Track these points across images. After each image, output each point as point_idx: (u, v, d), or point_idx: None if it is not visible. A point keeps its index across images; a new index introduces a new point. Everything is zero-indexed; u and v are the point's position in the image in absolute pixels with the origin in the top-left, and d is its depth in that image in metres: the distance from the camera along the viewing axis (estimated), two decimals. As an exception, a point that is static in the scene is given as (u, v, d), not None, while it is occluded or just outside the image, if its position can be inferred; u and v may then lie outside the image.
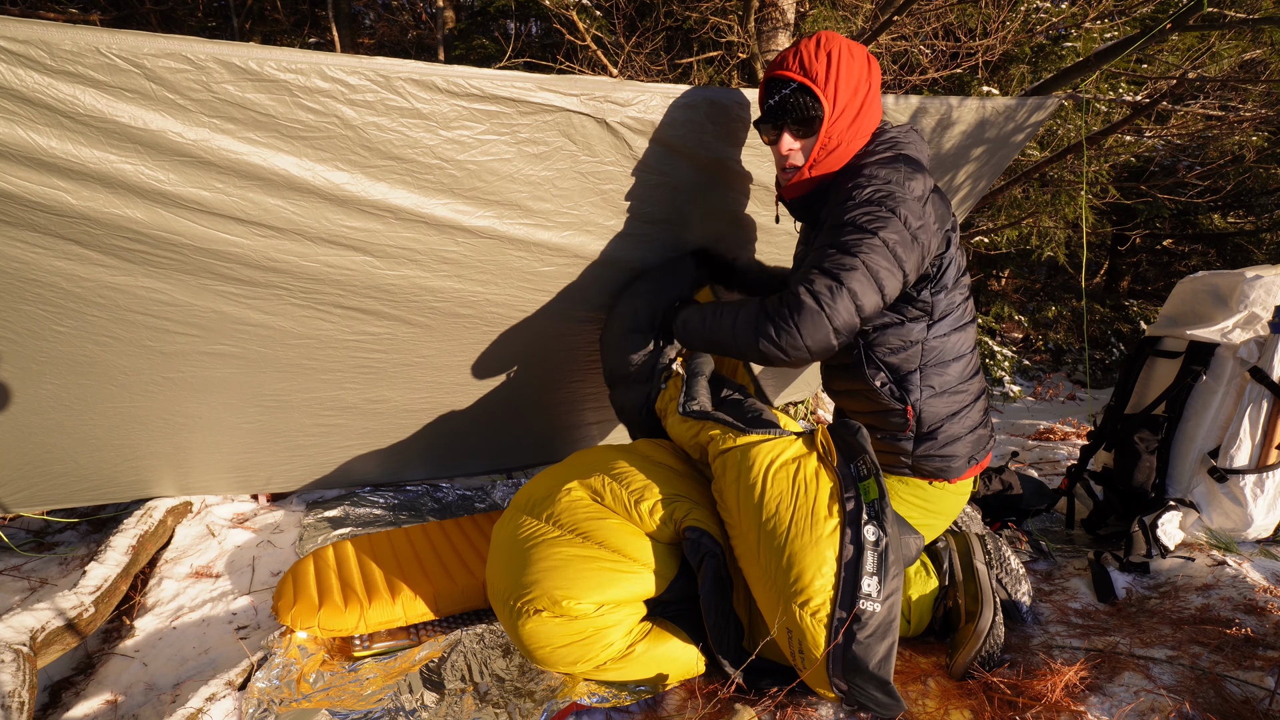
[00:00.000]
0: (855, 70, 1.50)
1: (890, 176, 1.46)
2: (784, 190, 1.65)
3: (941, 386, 1.59)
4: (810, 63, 1.49)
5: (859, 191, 1.46)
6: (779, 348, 1.45)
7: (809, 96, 1.50)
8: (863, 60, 1.52)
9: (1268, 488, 1.94)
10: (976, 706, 1.42)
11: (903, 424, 1.59)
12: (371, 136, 1.39)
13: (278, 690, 1.47)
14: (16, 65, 1.08)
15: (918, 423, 1.59)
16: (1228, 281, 2.11)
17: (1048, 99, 2.42)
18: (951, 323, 1.58)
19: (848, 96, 1.50)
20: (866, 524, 1.32)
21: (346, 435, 2.30)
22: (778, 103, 1.53)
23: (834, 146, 1.54)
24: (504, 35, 6.42)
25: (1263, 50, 4.24)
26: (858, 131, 1.54)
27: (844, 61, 1.48)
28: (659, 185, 1.79)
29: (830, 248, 1.44)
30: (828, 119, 1.50)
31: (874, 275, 1.42)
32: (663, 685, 1.50)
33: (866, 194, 1.45)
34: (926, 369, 1.58)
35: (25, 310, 1.50)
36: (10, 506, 2.05)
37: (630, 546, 1.48)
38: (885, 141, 1.56)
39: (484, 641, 1.66)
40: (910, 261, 1.45)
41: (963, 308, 1.60)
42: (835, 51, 1.48)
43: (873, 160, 1.53)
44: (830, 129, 1.52)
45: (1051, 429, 3.87)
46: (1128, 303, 8.02)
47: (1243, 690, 1.40)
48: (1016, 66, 4.71)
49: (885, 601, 1.27)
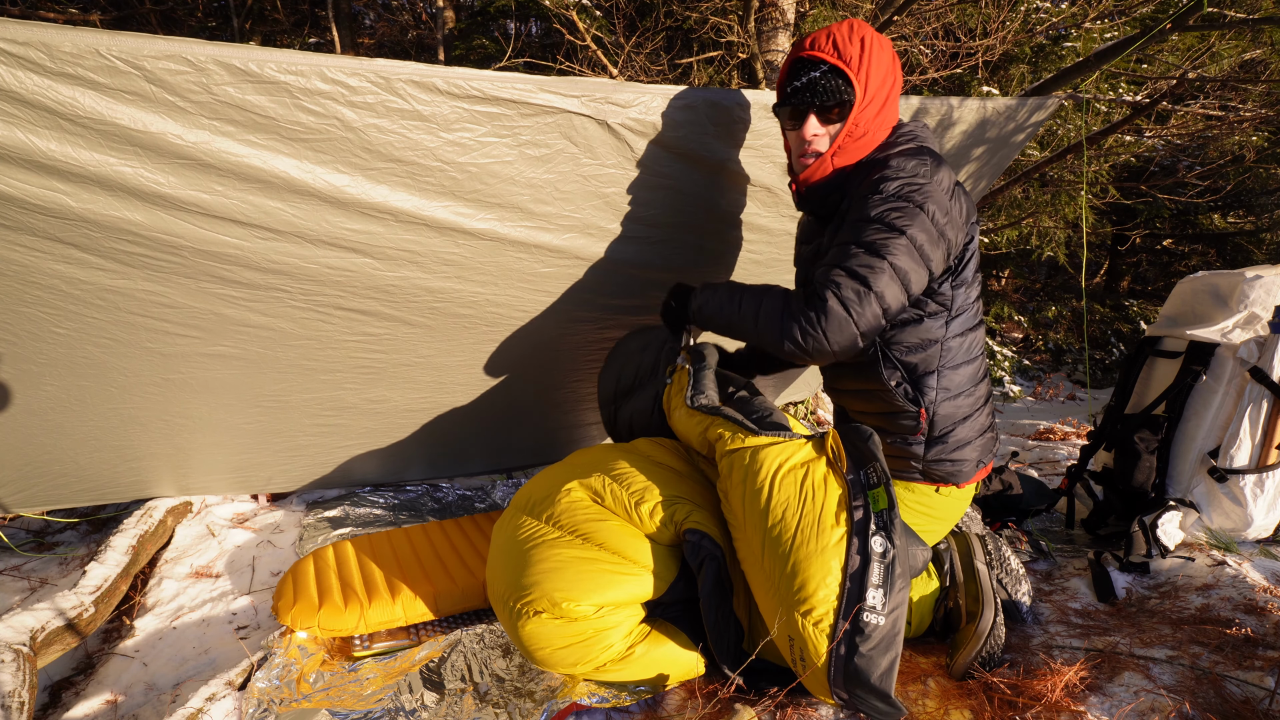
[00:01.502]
0: (885, 59, 1.48)
1: (918, 170, 1.43)
2: (800, 178, 1.58)
3: (955, 389, 1.57)
4: (845, 45, 1.45)
5: (886, 184, 1.41)
6: (803, 349, 1.42)
7: (842, 80, 1.46)
8: (890, 51, 1.50)
9: (1268, 488, 1.94)
10: (976, 706, 1.43)
11: (914, 426, 1.56)
12: (372, 139, 1.39)
13: (278, 690, 1.47)
14: (16, 67, 1.08)
15: (930, 426, 1.56)
16: (1228, 281, 2.11)
17: (1048, 99, 2.42)
18: (965, 321, 1.56)
19: (878, 84, 1.47)
20: (874, 534, 1.30)
21: (346, 435, 2.31)
22: (806, 84, 1.48)
23: (860, 135, 1.50)
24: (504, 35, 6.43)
25: (1263, 50, 4.24)
26: (882, 123, 1.51)
27: (876, 49, 1.46)
28: (659, 187, 1.79)
29: (856, 245, 1.40)
30: (859, 104, 1.46)
31: (901, 276, 1.39)
32: (663, 686, 1.50)
33: (894, 187, 1.41)
34: (943, 370, 1.55)
35: (25, 312, 1.50)
36: (10, 507, 2.05)
37: (630, 548, 1.47)
38: (906, 134, 1.53)
39: (484, 641, 1.66)
40: (936, 258, 1.43)
41: (975, 305, 1.58)
42: (868, 38, 1.46)
43: (897, 151, 1.49)
44: (859, 115, 1.47)
45: (1051, 429, 3.87)
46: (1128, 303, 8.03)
47: (1243, 690, 1.40)
48: (1016, 66, 4.71)
49: (890, 615, 1.26)
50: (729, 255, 2.15)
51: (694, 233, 2.00)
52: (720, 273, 2.21)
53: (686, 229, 1.97)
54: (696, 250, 2.07)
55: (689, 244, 2.02)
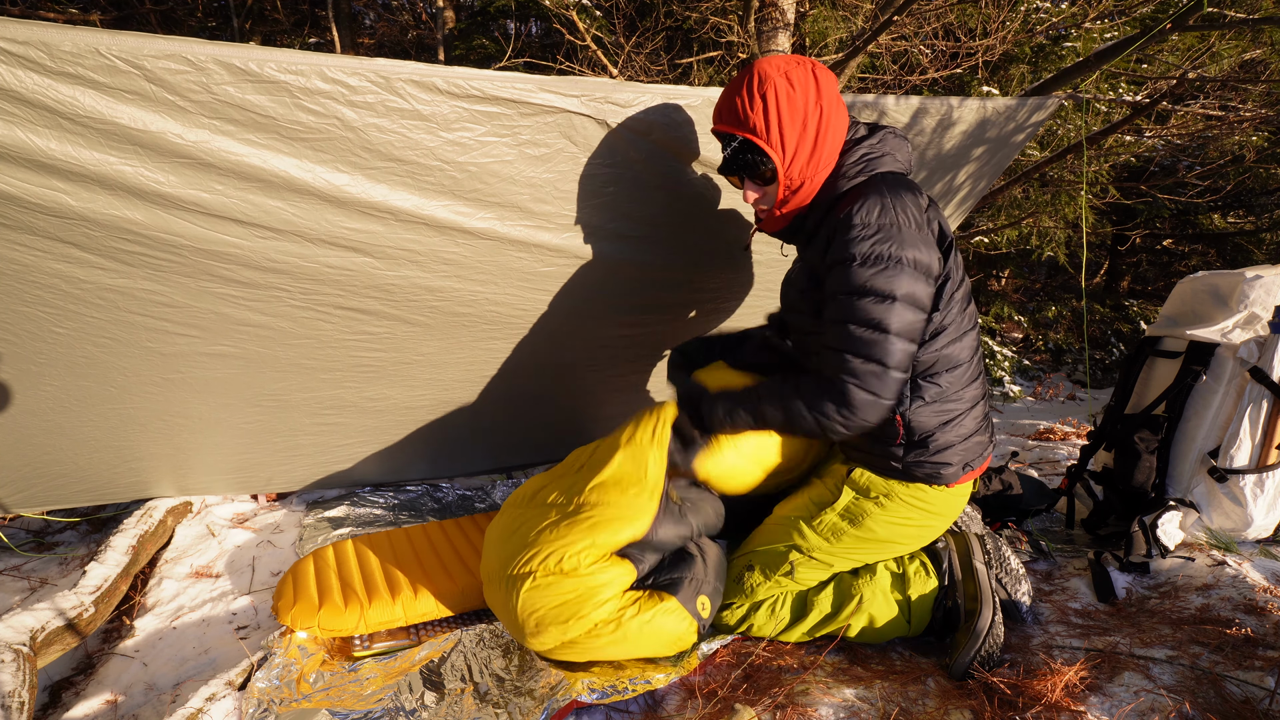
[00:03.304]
0: (799, 104, 1.40)
1: (883, 219, 1.38)
2: (762, 227, 1.62)
3: (933, 397, 1.53)
4: (747, 112, 1.40)
5: (857, 246, 1.37)
6: (846, 430, 1.47)
7: (755, 152, 1.44)
8: (806, 87, 1.40)
9: (1268, 488, 1.94)
10: (976, 706, 1.43)
11: (892, 434, 1.55)
12: (372, 138, 1.39)
13: (278, 690, 1.47)
14: (16, 66, 1.09)
15: (908, 431, 1.55)
16: (1228, 281, 2.11)
17: (1048, 99, 2.42)
18: (948, 336, 1.52)
19: (796, 137, 1.41)
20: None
21: (346, 434, 2.31)
22: (728, 157, 1.49)
23: (798, 185, 1.48)
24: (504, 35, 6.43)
25: (1263, 50, 4.24)
26: (820, 162, 1.46)
27: (783, 102, 1.38)
28: (659, 187, 1.79)
29: (854, 324, 1.39)
30: (781, 166, 1.44)
31: (908, 334, 1.40)
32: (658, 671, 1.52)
33: (867, 248, 1.37)
34: (919, 380, 1.53)
35: (25, 312, 1.50)
36: (10, 507, 2.05)
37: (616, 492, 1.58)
38: (857, 160, 1.48)
39: (484, 641, 1.66)
40: (929, 299, 1.43)
41: (960, 318, 1.53)
42: (771, 93, 1.38)
43: (851, 188, 1.46)
44: (788, 173, 1.45)
45: (1051, 429, 3.86)
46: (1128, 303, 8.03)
47: (1243, 690, 1.40)
48: (1016, 66, 4.72)
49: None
50: (728, 255, 2.15)
51: (694, 232, 2.00)
52: (719, 271, 2.21)
53: (686, 228, 1.97)
54: (696, 250, 2.07)
55: (689, 244, 2.02)
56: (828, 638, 1.66)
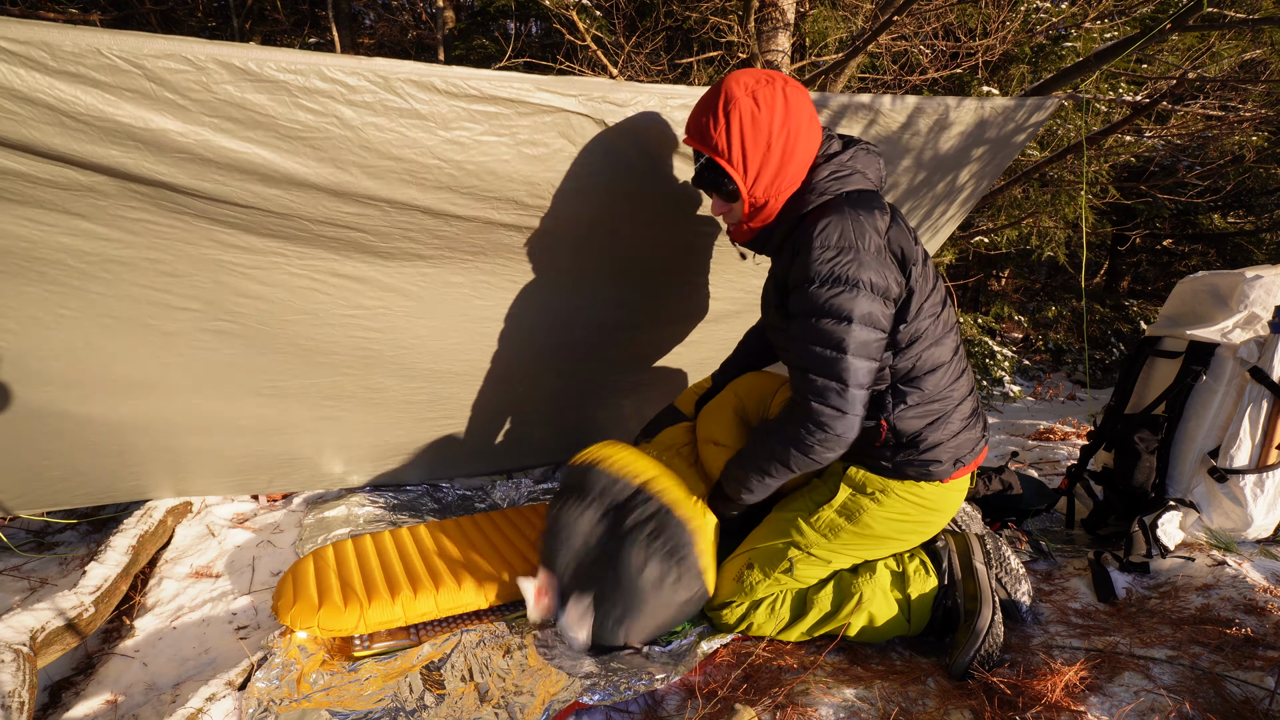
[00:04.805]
0: (764, 125, 1.40)
1: (843, 241, 1.40)
2: (732, 237, 1.65)
3: (915, 400, 1.55)
4: (711, 132, 1.42)
5: (816, 268, 1.40)
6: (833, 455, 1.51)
7: (718, 171, 1.46)
8: (773, 107, 1.40)
9: (1268, 488, 1.94)
10: (976, 706, 1.42)
11: (877, 437, 1.58)
12: (370, 137, 1.39)
13: (278, 690, 1.47)
14: (18, 65, 1.09)
15: (894, 434, 1.57)
16: (1228, 281, 2.11)
17: (1048, 99, 2.42)
18: (925, 342, 1.54)
19: (760, 158, 1.42)
20: None
21: (346, 433, 2.30)
22: (696, 173, 1.53)
23: (762, 203, 1.50)
24: (504, 35, 6.43)
25: (1263, 50, 4.24)
26: (785, 181, 1.47)
27: (747, 123, 1.39)
28: (656, 186, 1.79)
29: (814, 344, 1.43)
30: (744, 186, 1.46)
31: (865, 352, 1.43)
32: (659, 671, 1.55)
33: (825, 270, 1.39)
34: (900, 386, 1.55)
35: (30, 293, 1.50)
36: (10, 508, 2.05)
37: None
38: (826, 178, 1.48)
39: (484, 641, 1.66)
40: (887, 320, 1.46)
41: (934, 325, 1.55)
42: (735, 114, 1.39)
43: (814, 208, 1.47)
44: (751, 192, 1.47)
45: (1051, 429, 3.86)
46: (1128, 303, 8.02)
47: (1243, 690, 1.40)
48: (1016, 66, 4.72)
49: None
50: (722, 252, 2.15)
51: (689, 230, 2.00)
52: (719, 271, 2.22)
53: (682, 226, 1.97)
54: (690, 247, 2.08)
55: (684, 241, 2.03)
56: (828, 637, 1.66)
